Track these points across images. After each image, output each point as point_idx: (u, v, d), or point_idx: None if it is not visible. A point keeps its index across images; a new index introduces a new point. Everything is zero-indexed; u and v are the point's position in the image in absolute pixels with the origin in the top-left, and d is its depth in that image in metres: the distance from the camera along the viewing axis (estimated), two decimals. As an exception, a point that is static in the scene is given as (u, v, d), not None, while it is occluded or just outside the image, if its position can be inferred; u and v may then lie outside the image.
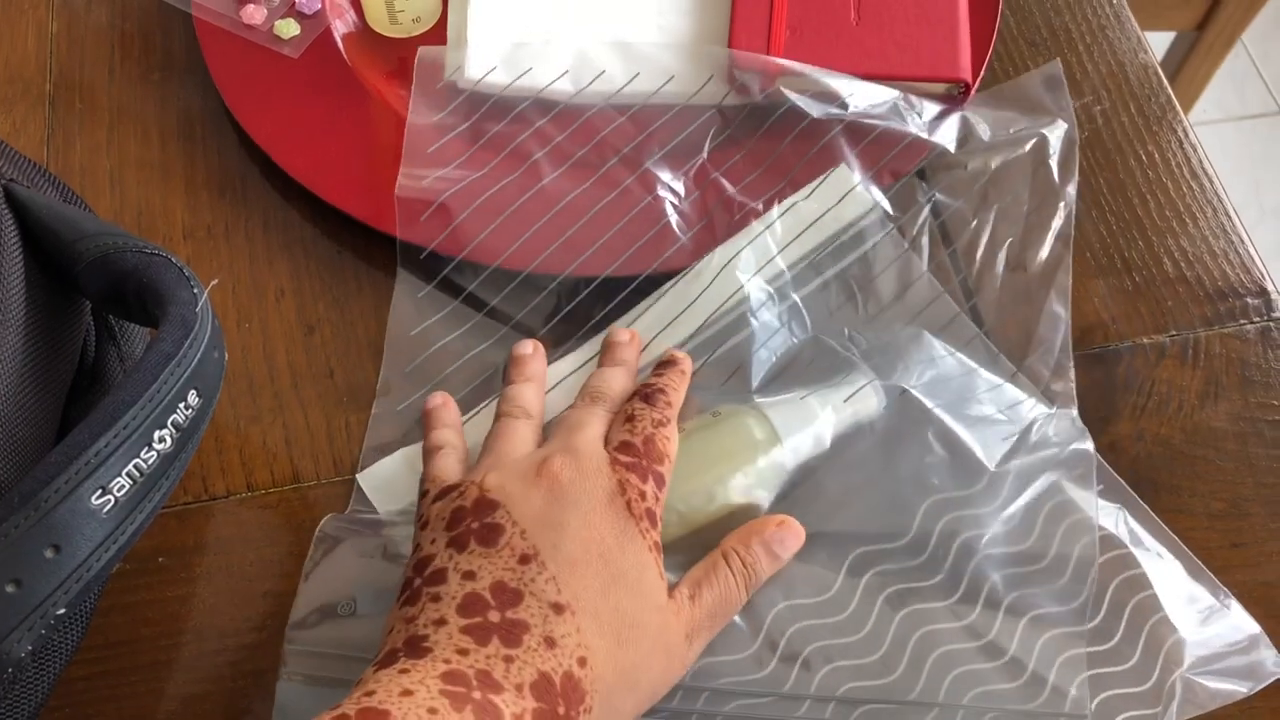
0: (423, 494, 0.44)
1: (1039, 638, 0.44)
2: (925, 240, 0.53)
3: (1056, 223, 0.53)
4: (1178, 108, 0.59)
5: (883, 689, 0.44)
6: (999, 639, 0.44)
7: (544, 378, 0.50)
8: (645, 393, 0.47)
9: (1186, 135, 0.58)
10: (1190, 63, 1.16)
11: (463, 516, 0.41)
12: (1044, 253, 0.53)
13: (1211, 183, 0.56)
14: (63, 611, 0.37)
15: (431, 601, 0.39)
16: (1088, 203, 0.56)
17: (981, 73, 0.57)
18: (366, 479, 0.49)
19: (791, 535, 0.45)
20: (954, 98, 0.56)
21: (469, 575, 0.40)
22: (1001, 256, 0.53)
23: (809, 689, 0.44)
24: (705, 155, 0.54)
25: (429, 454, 0.47)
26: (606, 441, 0.45)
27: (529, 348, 0.50)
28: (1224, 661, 0.44)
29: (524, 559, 0.40)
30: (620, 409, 0.46)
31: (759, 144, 0.55)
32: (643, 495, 0.42)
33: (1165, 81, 0.59)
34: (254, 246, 0.55)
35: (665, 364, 0.50)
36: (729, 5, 0.57)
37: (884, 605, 0.45)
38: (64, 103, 0.59)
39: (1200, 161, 0.57)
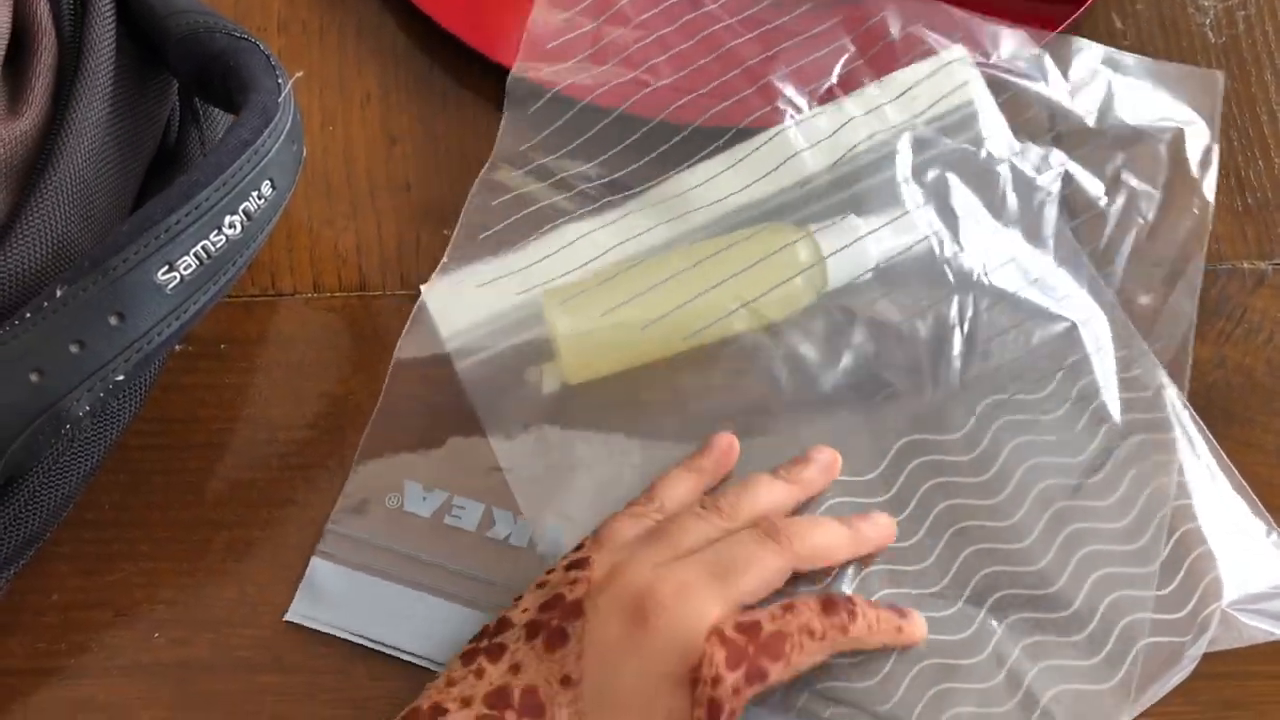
0: (581, 545, 0.42)
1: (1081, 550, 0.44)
2: (1051, 209, 0.49)
3: (1191, 218, 0.50)
4: (1329, 24, 0.55)
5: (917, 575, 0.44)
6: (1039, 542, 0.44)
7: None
8: (830, 600, 0.40)
9: (1333, 55, 0.54)
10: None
11: (555, 605, 0.39)
12: (1175, 245, 0.49)
13: (1350, 109, 0.53)
14: (121, 379, 0.38)
15: (475, 676, 0.39)
16: (1212, 114, 0.53)
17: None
18: (432, 298, 0.49)
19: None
20: None
21: (515, 668, 0.39)
22: (1129, 241, 0.49)
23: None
24: (835, 79, 0.51)
25: (659, 486, 0.44)
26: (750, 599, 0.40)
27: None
28: (1266, 602, 0.43)
29: (565, 681, 0.38)
30: (791, 603, 0.40)
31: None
32: (717, 681, 0.37)
33: (1321, -7, 0.55)
34: (345, 48, 0.54)
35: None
36: None
37: (924, 496, 0.45)
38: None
39: (1343, 85, 0.53)
